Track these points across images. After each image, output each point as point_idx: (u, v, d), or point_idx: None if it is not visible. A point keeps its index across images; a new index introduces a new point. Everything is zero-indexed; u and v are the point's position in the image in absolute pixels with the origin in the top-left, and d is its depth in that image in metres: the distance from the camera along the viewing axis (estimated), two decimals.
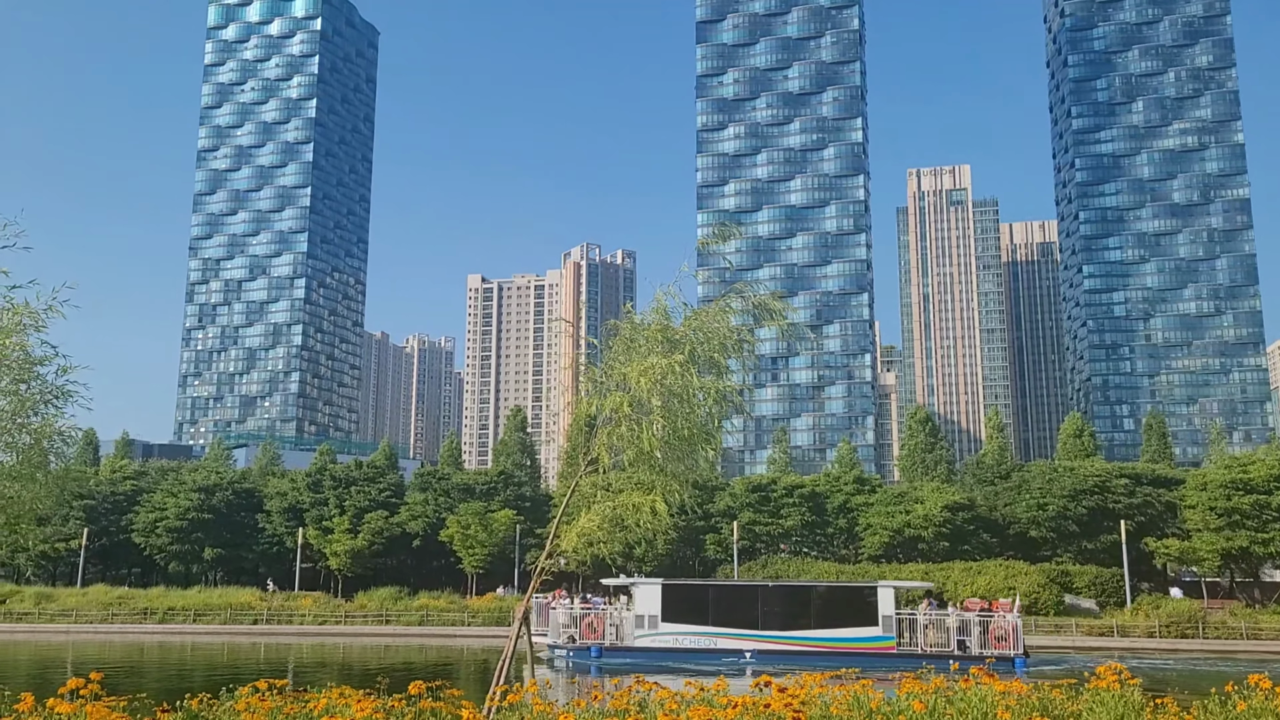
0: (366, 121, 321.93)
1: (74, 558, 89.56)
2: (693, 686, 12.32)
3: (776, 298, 16.53)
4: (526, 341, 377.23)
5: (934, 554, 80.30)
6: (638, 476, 15.04)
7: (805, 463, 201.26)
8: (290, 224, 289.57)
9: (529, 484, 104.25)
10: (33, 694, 10.61)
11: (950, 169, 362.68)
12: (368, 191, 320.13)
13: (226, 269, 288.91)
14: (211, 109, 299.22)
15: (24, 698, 10.94)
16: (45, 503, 14.12)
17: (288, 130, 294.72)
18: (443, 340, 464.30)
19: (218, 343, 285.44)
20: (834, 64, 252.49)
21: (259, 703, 10.89)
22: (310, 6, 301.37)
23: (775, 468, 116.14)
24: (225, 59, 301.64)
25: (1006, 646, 44.31)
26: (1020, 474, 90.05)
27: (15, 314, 12.91)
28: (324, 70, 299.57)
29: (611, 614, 49.51)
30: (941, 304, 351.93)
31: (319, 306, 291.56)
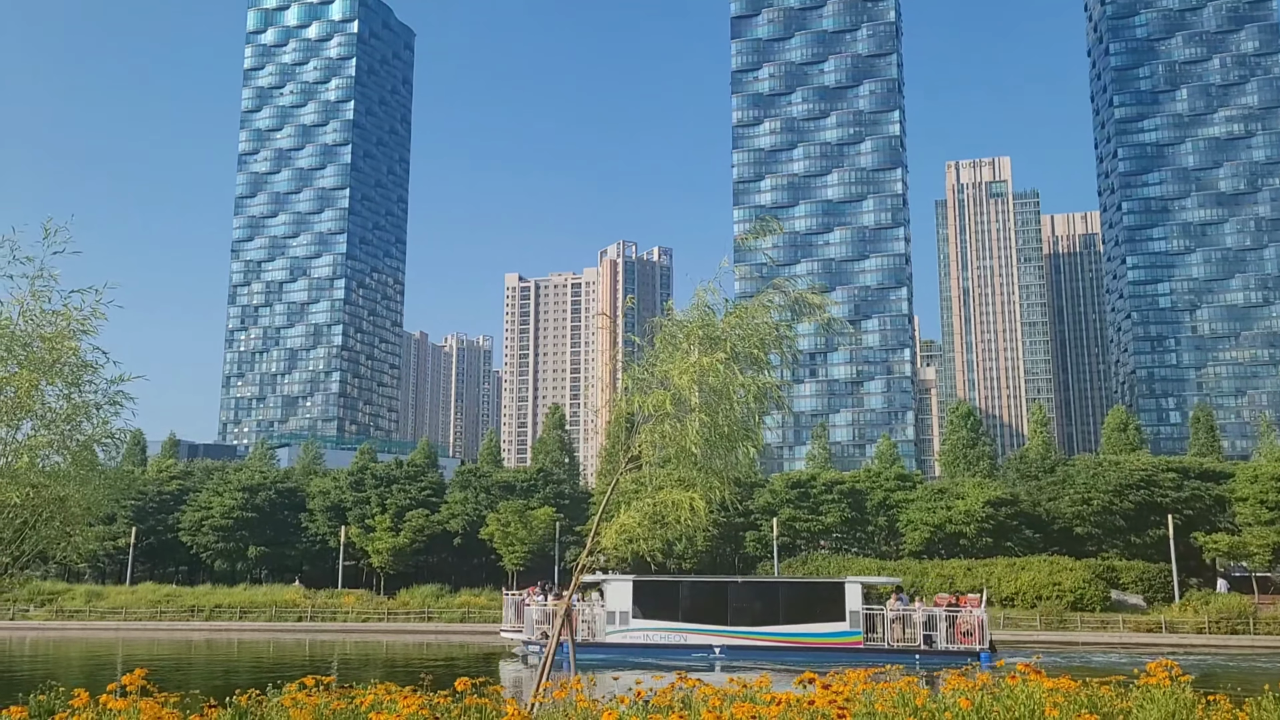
0: (404, 123, 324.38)
1: (123, 556, 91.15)
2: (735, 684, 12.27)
3: (816, 293, 16.45)
4: (564, 339, 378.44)
5: (976, 550, 79.51)
6: (678, 474, 15.03)
7: (845, 459, 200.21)
8: (330, 225, 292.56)
9: (568, 482, 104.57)
10: (86, 690, 10.84)
11: (990, 161, 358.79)
12: (405, 192, 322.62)
13: (267, 270, 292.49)
14: (251, 113, 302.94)
15: (78, 694, 11.18)
16: (98, 504, 14.38)
17: (326, 133, 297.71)
18: (481, 339, 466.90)
19: (260, 344, 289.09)
20: (870, 57, 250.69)
21: (306, 699, 11.01)
22: (347, 10, 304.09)
23: (814, 464, 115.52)
24: (264, 63, 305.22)
25: (972, 641, 44.59)
26: (1064, 469, 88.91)
27: (66, 319, 13.18)
28: (361, 73, 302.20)
29: (584, 610, 49.45)
30: (982, 297, 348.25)
31: (358, 307, 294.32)
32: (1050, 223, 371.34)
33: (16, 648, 60.90)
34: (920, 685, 11.41)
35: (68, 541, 14.26)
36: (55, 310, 13.15)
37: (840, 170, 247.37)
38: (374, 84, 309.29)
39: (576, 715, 11.15)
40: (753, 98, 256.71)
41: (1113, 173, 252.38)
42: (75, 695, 11.15)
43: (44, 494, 13.44)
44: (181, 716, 10.34)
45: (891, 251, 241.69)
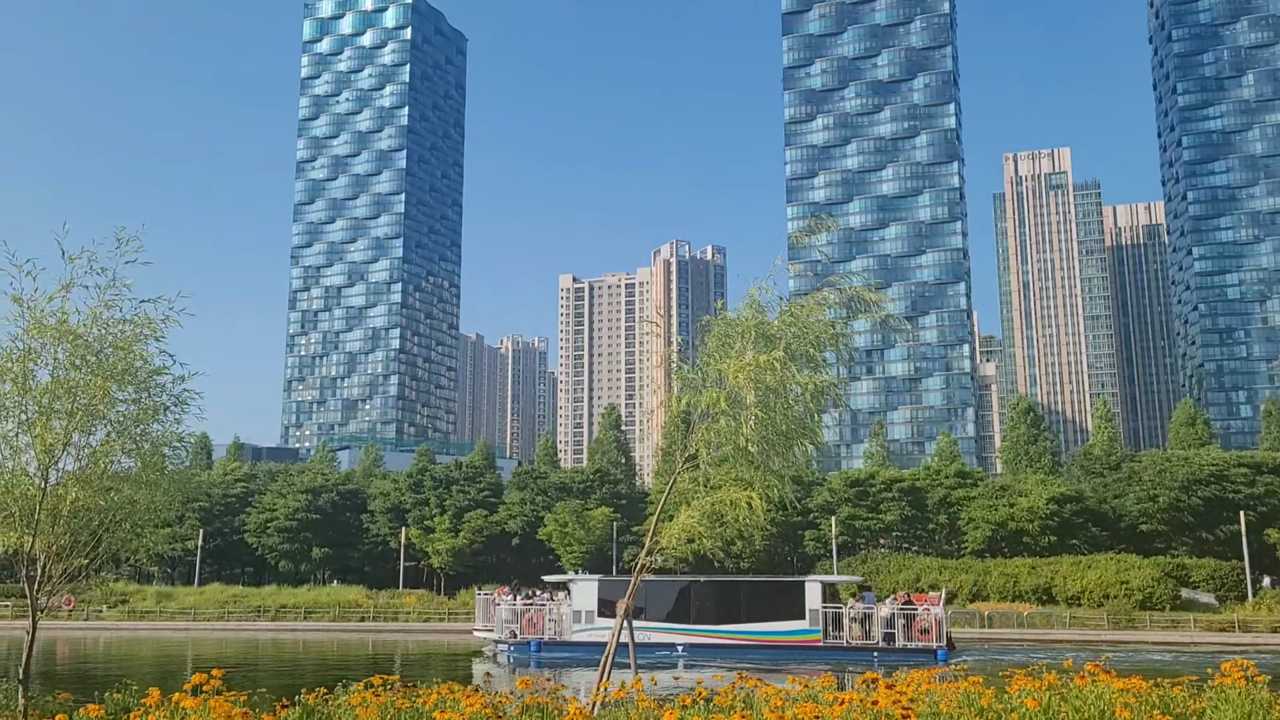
0: (457, 127, 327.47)
1: (191, 558, 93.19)
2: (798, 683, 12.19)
3: (872, 289, 16.28)
4: (618, 340, 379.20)
5: (1040, 549, 78.17)
6: (736, 472, 14.98)
7: (903, 456, 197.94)
8: (386, 230, 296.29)
9: (625, 481, 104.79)
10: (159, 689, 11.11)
11: (1049, 152, 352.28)
12: (459, 196, 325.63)
13: (326, 276, 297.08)
14: (309, 121, 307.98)
15: (151, 693, 11.46)
16: (166, 506, 14.69)
17: (381, 139, 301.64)
18: (536, 340, 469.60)
19: (319, 348, 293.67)
20: (924, 50, 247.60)
21: (372, 698, 11.17)
22: (400, 17, 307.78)
23: (872, 462, 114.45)
24: (320, 71, 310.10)
25: (930, 639, 45.16)
26: (1130, 465, 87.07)
27: (138, 325, 13.52)
28: (415, 79, 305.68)
29: (551, 610, 50.33)
30: (1042, 291, 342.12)
31: (415, 310, 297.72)
32: (1112, 214, 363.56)
33: (91, 648, 62.56)
34: None
35: (138, 543, 14.59)
36: (126, 319, 13.50)
37: (895, 165, 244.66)
38: (427, 89, 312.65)
39: (638, 715, 11.16)
40: (805, 93, 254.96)
41: (1177, 161, 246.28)
42: (148, 694, 11.44)
43: (116, 497, 13.77)
44: (252, 715, 10.55)
45: (948, 246, 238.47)
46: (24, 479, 13.21)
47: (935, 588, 58.59)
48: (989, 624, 64.51)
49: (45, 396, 13.06)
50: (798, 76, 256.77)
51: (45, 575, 13.60)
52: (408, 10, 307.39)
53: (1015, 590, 69.55)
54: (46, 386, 13.16)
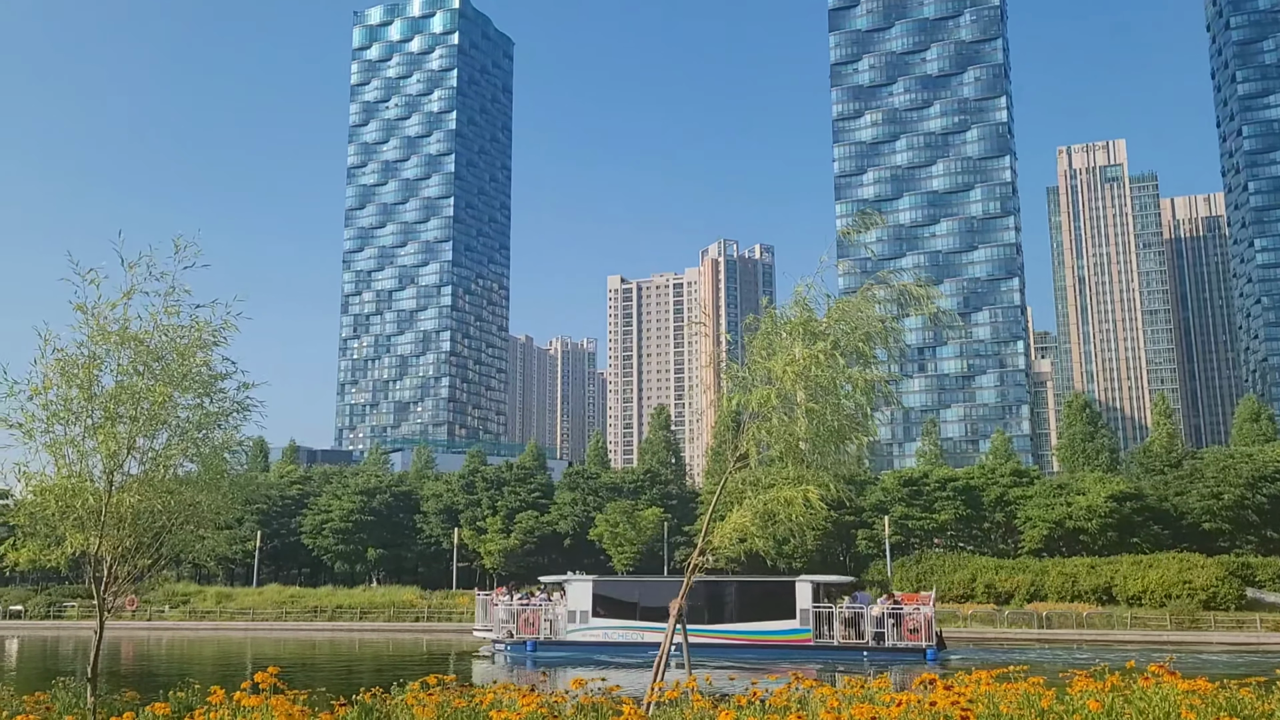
0: (504, 130, 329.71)
1: (249, 559, 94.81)
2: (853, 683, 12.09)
3: (922, 286, 16.10)
4: (667, 340, 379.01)
5: (1099, 547, 76.78)
6: (787, 470, 14.89)
7: (957, 455, 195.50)
8: (435, 234, 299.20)
9: (675, 482, 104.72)
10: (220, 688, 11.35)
11: (1103, 144, 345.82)
12: (508, 198, 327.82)
13: (378, 280, 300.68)
14: (359, 127, 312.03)
15: (215, 691, 11.69)
16: (227, 509, 14.96)
17: (430, 143, 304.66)
18: (585, 341, 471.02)
19: (372, 351, 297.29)
20: (974, 43, 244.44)
21: (429, 697, 11.27)
22: (448, 22, 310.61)
23: (925, 460, 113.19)
24: (370, 78, 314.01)
25: (919, 638, 45.64)
26: (1192, 462, 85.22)
27: (197, 331, 13.80)
28: (462, 83, 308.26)
29: (546, 610, 51.08)
30: (1099, 286, 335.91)
31: (465, 313, 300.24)
32: (1170, 206, 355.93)
33: (154, 647, 63.91)
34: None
35: (200, 544, 14.86)
36: (184, 325, 13.79)
37: (945, 160, 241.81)
38: (475, 93, 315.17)
39: (692, 714, 11.13)
40: (853, 90, 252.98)
41: (1237, 151, 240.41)
42: (212, 692, 11.67)
43: (178, 499, 14.05)
44: (311, 714, 10.72)
45: (1001, 241, 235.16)
46: (90, 482, 13.52)
47: (920, 589, 58.62)
48: (1047, 624, 63.52)
49: (110, 402, 13.37)
50: (845, 73, 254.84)
51: (111, 576, 13.91)
52: (455, 15, 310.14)
53: (1074, 590, 68.39)
54: (111, 392, 13.47)
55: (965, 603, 69.44)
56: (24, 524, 13.68)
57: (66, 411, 13.28)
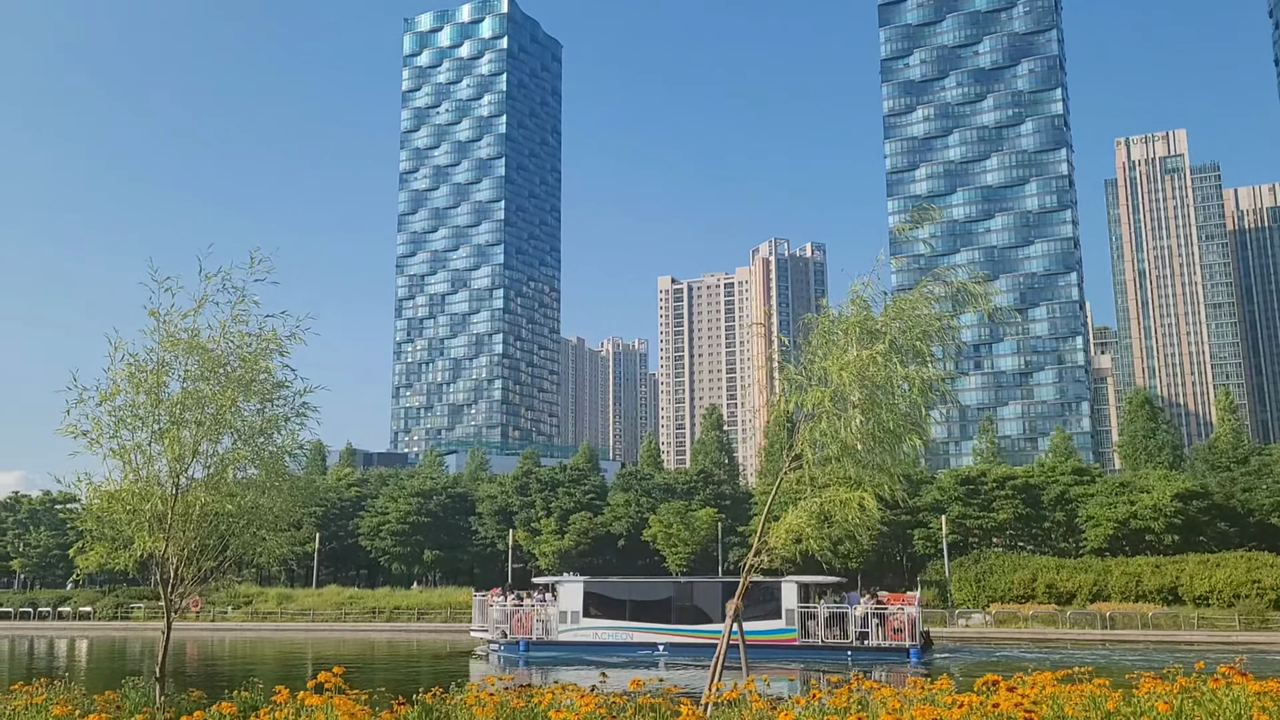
0: (554, 133, 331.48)
1: (309, 561, 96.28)
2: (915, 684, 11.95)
3: (978, 282, 15.88)
4: (719, 340, 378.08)
5: (1164, 547, 75.12)
6: (843, 471, 14.77)
7: (1015, 453, 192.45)
8: (487, 237, 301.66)
9: (728, 482, 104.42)
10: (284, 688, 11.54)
11: (1163, 135, 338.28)
12: (558, 201, 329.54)
13: (430, 284, 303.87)
14: (410, 133, 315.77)
15: (279, 690, 11.89)
16: (288, 511, 15.22)
17: (481, 148, 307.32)
18: (636, 343, 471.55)
19: (425, 354, 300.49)
20: (1028, 34, 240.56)
21: (488, 697, 11.36)
22: (496, 27, 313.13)
23: (983, 459, 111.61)
24: (421, 84, 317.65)
25: (902, 638, 46.19)
26: (1260, 458, 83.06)
27: (264, 341, 14.11)
28: (512, 87, 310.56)
29: (539, 611, 52.06)
30: (1160, 279, 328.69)
31: (517, 315, 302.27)
32: (1234, 196, 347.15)
33: (218, 647, 65.18)
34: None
35: (261, 546, 15.12)
36: (252, 333, 14.10)
37: (1000, 154, 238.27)
38: (524, 97, 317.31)
39: (751, 715, 11.08)
40: (904, 85, 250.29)
41: None
42: (276, 692, 11.87)
43: (241, 502, 14.32)
44: (372, 713, 10.86)
45: (1058, 236, 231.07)
46: (157, 486, 13.82)
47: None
48: (1111, 625, 62.34)
49: (176, 407, 13.68)
50: (896, 68, 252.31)
51: (178, 578, 14.21)
52: (503, 20, 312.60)
53: (1138, 590, 67.02)
54: (177, 397, 13.78)
55: (1025, 603, 68.36)
56: (92, 528, 14.01)
57: (134, 417, 13.61)
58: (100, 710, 11.98)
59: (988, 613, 67.79)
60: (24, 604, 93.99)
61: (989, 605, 69.19)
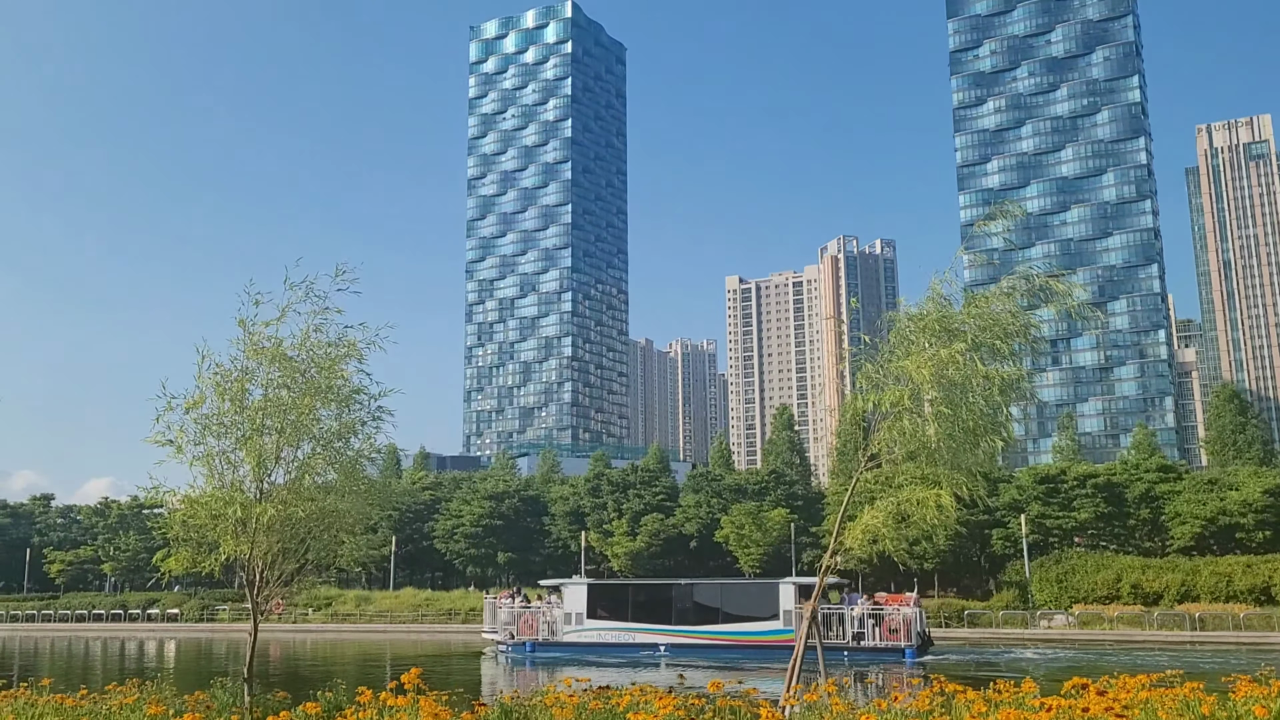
0: (619, 136, 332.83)
1: (386, 563, 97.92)
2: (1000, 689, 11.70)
3: (1057, 276, 15.54)
4: (788, 339, 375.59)
5: (1256, 545, 72.66)
6: (921, 471, 14.55)
7: (1096, 450, 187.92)
8: (554, 241, 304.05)
9: (800, 482, 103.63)
10: (366, 689, 11.73)
11: (1247, 121, 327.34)
12: (624, 203, 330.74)
13: (499, 288, 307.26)
14: (477, 139, 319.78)
15: (362, 691, 12.08)
16: (365, 514, 15.47)
17: (547, 152, 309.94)
18: (704, 343, 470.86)
19: (496, 358, 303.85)
20: (1102, 21, 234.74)
21: (567, 699, 11.40)
22: (561, 32, 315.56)
23: (1062, 457, 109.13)
24: (487, 91, 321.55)
25: (898, 638, 46.61)
26: None
27: (342, 348, 14.43)
28: (577, 91, 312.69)
29: (545, 612, 53.26)
30: (1246, 270, 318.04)
31: (585, 318, 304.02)
32: None
33: (299, 648, 66.59)
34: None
35: (341, 549, 15.38)
36: (331, 342, 14.43)
37: (1075, 145, 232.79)
38: (589, 101, 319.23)
39: (831, 718, 10.95)
40: (974, 77, 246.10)
41: None
42: (360, 693, 12.07)
43: (321, 506, 14.59)
44: (453, 714, 10.99)
45: (1138, 227, 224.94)
46: (240, 492, 14.16)
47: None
48: (1201, 626, 60.44)
49: (258, 414, 14.02)
50: (965, 60, 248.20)
51: (262, 580, 14.53)
52: (567, 25, 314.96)
53: (1229, 590, 64.85)
54: (259, 404, 14.12)
55: (1110, 604, 66.63)
56: (178, 533, 14.39)
57: (218, 425, 13.99)
58: (192, 710, 12.29)
59: (1071, 614, 66.22)
60: (114, 606, 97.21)
61: (1072, 606, 67.58)
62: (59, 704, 12.66)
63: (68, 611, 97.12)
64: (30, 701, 12.74)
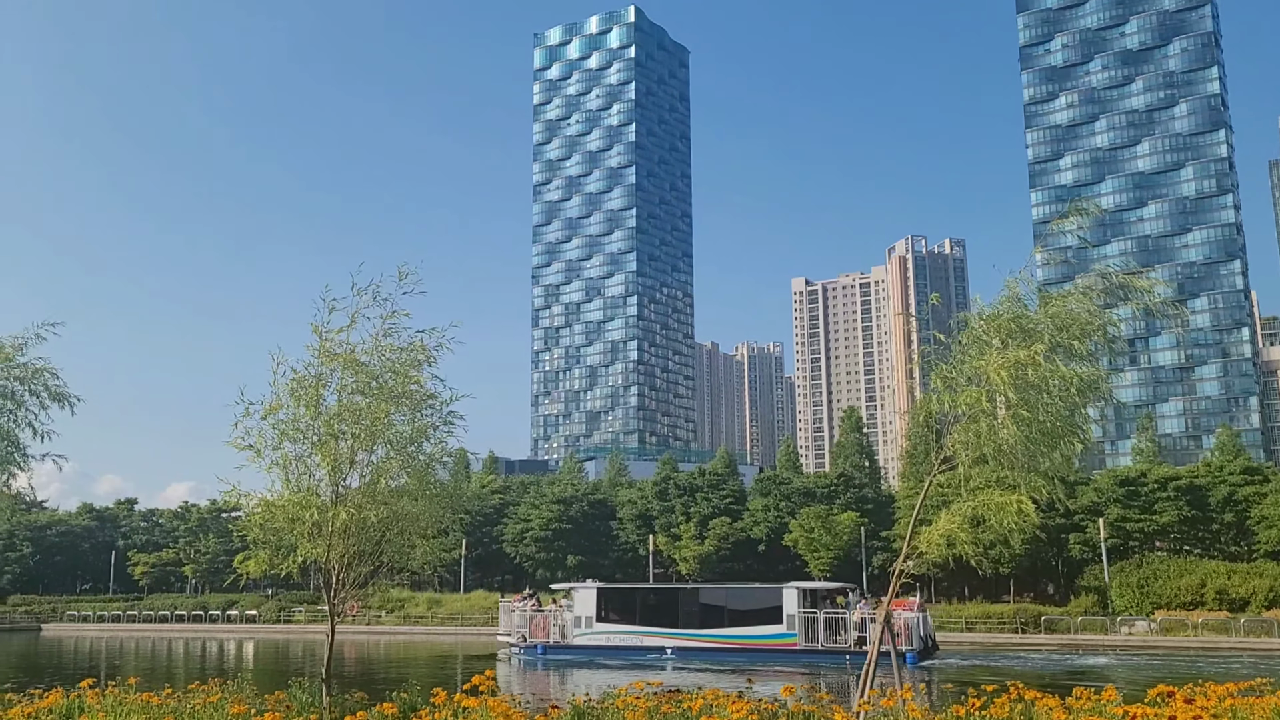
0: (683, 139, 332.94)
1: (456, 566, 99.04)
2: (1082, 694, 11.45)
3: (1134, 274, 15.17)
4: (855, 341, 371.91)
5: None
6: (997, 474, 14.30)
7: (1177, 452, 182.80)
8: (619, 245, 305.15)
9: (869, 485, 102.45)
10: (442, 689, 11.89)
11: None
12: (689, 206, 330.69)
13: (565, 293, 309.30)
14: (542, 145, 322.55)
15: (437, 692, 12.24)
16: (437, 518, 15.67)
17: (611, 157, 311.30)
18: (770, 346, 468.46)
19: (562, 363, 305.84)
20: (1179, 12, 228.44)
21: (638, 701, 11.41)
22: (624, 37, 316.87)
23: (1142, 458, 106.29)
24: (551, 97, 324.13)
25: (899, 643, 45.34)
26: None
27: (413, 352, 14.66)
28: (640, 95, 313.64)
29: (557, 615, 54.46)
30: None
31: (651, 322, 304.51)
32: None
33: (373, 649, 67.68)
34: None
35: (412, 553, 15.60)
36: (402, 346, 14.67)
37: (1151, 139, 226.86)
38: (653, 105, 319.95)
39: None
40: (1045, 72, 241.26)
41: None
42: (435, 694, 12.25)
43: (394, 510, 14.82)
44: (526, 715, 11.09)
45: (1218, 222, 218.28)
46: (316, 496, 14.44)
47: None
48: None
49: (333, 420, 14.30)
50: (1036, 54, 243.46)
51: (339, 583, 14.79)
52: (630, 30, 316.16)
53: None
54: (334, 410, 14.40)
55: (1194, 610, 64.73)
56: (257, 536, 14.72)
57: (295, 430, 14.30)
58: (272, 709, 12.56)
59: (1152, 620, 64.48)
60: (195, 607, 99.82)
61: (1153, 612, 65.81)
62: (145, 702, 13.03)
63: (151, 612, 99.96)
64: (119, 700, 13.13)
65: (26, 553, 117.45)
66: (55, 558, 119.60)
